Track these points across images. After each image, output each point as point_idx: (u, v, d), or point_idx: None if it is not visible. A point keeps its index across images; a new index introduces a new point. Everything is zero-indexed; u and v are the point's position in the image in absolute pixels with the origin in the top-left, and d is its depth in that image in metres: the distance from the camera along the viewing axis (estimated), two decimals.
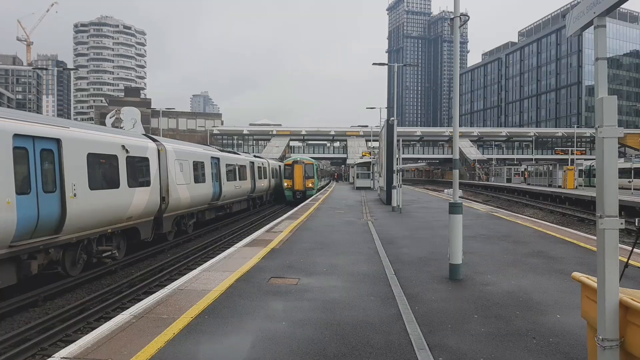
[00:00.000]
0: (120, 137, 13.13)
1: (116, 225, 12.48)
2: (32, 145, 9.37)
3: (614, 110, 2.99)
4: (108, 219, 11.96)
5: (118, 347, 4.62)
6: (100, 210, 11.49)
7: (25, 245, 9.06)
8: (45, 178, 9.71)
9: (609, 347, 2.91)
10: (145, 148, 14.45)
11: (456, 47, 8.08)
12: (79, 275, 11.14)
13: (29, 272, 9.35)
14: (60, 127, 10.38)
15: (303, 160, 36.10)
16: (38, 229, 9.37)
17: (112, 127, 14.22)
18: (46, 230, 9.63)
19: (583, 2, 3.28)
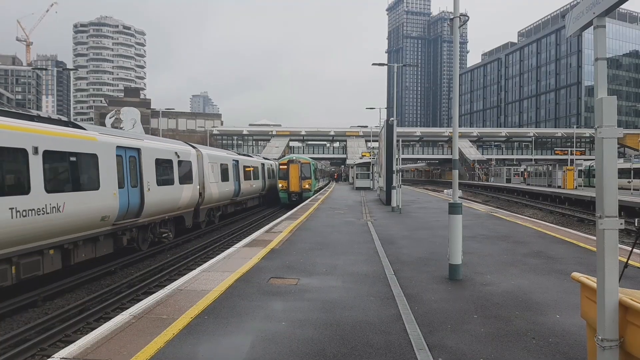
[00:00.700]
0: (173, 146, 17.19)
1: (171, 214, 16.37)
2: (124, 153, 13.21)
3: (614, 110, 3.00)
4: (167, 208, 15.76)
5: (118, 348, 4.62)
6: (164, 201, 15.38)
7: (121, 224, 12.85)
8: (132, 176, 13.46)
9: (608, 347, 2.91)
10: (189, 154, 18.00)
11: (456, 48, 8.09)
12: (147, 249, 14.94)
13: (121, 244, 13.21)
14: (139, 140, 14.41)
15: (299, 160, 33.18)
16: (128, 213, 13.13)
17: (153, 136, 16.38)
18: (132, 214, 13.44)
19: (582, 3, 3.29)
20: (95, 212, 11.61)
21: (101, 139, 12.16)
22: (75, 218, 10.82)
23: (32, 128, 9.57)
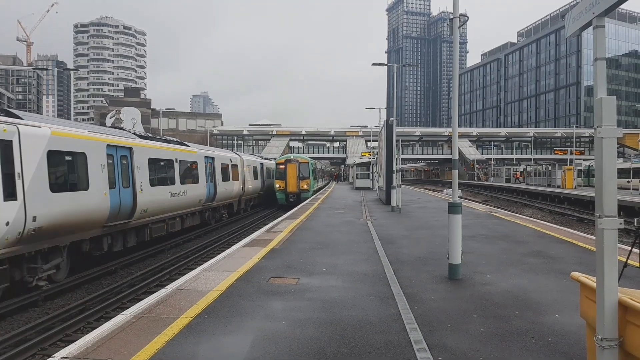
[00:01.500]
0: (229, 154, 25.55)
1: (227, 201, 24.03)
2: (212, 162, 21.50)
3: (613, 110, 3.00)
4: (226, 197, 23.52)
5: (118, 347, 4.63)
6: (225, 192, 23.26)
7: (206, 205, 20.52)
8: (211, 175, 20.82)
9: (608, 346, 2.92)
10: (237, 159, 26.19)
11: (455, 48, 8.10)
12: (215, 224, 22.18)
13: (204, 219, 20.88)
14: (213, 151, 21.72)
15: (297, 159, 32.06)
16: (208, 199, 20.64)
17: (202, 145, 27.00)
18: (210, 200, 20.82)
19: (582, 3, 3.29)
20: (197, 197, 19.13)
21: (200, 153, 20.17)
22: (190, 200, 18.21)
23: (174, 148, 17.49)
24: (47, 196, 9.81)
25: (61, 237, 10.48)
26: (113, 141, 13.06)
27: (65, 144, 10.73)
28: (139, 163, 14.13)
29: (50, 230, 9.83)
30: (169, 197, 16.00)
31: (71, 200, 10.67)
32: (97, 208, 11.71)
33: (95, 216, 11.65)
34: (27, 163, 9.27)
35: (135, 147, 14.16)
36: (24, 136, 9.26)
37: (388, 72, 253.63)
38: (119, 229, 13.20)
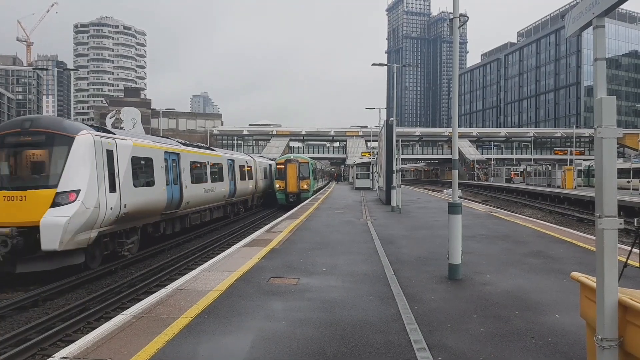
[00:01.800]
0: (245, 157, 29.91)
1: (243, 197, 27.79)
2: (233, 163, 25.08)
3: (613, 110, 3.00)
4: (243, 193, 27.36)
5: (118, 347, 4.63)
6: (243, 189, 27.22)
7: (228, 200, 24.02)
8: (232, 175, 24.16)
9: (608, 346, 2.92)
10: (251, 161, 30.42)
11: (455, 48, 8.10)
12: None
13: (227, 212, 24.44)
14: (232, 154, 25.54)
15: (297, 159, 32.09)
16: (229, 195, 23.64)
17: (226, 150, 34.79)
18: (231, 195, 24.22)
19: (582, 3, 3.30)
20: (222, 193, 22.75)
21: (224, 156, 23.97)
22: (217, 196, 21.83)
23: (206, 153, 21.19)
24: (132, 190, 13.38)
25: (137, 220, 14.18)
26: (168, 148, 16.75)
27: (141, 152, 14.41)
28: (184, 165, 17.83)
29: (132, 214, 13.42)
30: (203, 192, 19.92)
31: (145, 193, 14.31)
32: (159, 199, 15.35)
33: (158, 205, 15.36)
34: (121, 166, 12.96)
35: (181, 153, 17.95)
36: (119, 147, 12.99)
37: (388, 72, 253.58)
38: (170, 217, 16.78)
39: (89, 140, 11.74)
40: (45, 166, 11.47)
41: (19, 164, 11.54)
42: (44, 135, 11.46)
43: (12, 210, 10.66)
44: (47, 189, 10.92)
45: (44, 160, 11.51)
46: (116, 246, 13.20)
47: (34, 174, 11.46)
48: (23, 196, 10.75)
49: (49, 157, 11.46)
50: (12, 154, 11.51)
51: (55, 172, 11.20)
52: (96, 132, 12.39)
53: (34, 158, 11.56)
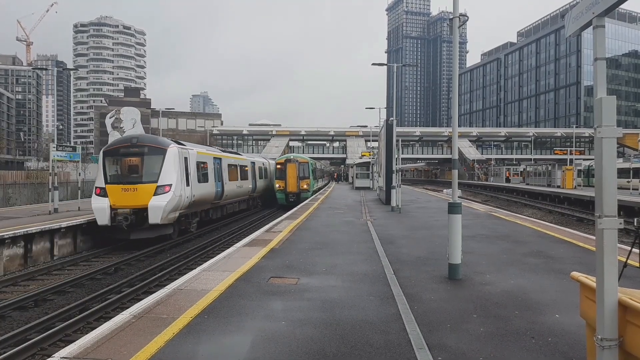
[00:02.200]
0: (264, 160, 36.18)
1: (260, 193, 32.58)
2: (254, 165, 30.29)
3: (613, 110, 3.00)
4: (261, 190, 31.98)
5: (118, 347, 4.63)
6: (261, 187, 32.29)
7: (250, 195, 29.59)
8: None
9: (607, 346, 2.92)
10: (267, 162, 35.56)
11: (455, 48, 8.09)
12: None
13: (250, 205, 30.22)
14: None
15: (297, 159, 32.20)
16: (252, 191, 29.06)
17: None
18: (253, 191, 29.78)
19: (582, 3, 3.29)
20: (247, 189, 28.29)
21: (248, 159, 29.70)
22: (244, 191, 27.26)
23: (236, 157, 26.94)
24: (197, 184, 18.74)
25: (198, 207, 19.69)
26: (215, 155, 22.37)
27: (201, 158, 19.84)
28: (224, 167, 23.17)
29: (196, 202, 18.75)
30: (236, 188, 25.46)
31: (203, 187, 19.69)
32: (211, 192, 20.78)
33: (210, 197, 20.82)
34: (191, 168, 18.18)
35: (222, 158, 23.40)
36: (189, 155, 18.34)
37: (388, 72, 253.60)
38: (215, 206, 22.40)
39: (175, 151, 17.08)
40: (149, 168, 16.60)
41: (130, 167, 16.78)
42: (147, 148, 16.80)
43: (128, 198, 15.91)
44: (151, 184, 16.17)
45: (148, 164, 16.67)
46: (186, 224, 18.88)
47: (141, 173, 16.64)
48: (135, 188, 16.11)
49: (151, 162, 16.66)
50: (125, 160, 16.82)
51: (155, 172, 16.41)
52: (177, 145, 17.77)
53: (140, 163, 16.74)
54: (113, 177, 16.63)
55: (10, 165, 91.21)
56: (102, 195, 16.15)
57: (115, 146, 17.22)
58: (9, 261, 13.37)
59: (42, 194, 28.85)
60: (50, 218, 17.28)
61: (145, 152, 16.76)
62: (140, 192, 16.01)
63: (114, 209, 15.77)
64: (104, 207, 15.78)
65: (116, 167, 16.99)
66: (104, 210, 15.77)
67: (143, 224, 15.92)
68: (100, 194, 16.22)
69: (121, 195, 15.95)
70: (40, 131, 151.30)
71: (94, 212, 16.01)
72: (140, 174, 16.60)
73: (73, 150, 21.94)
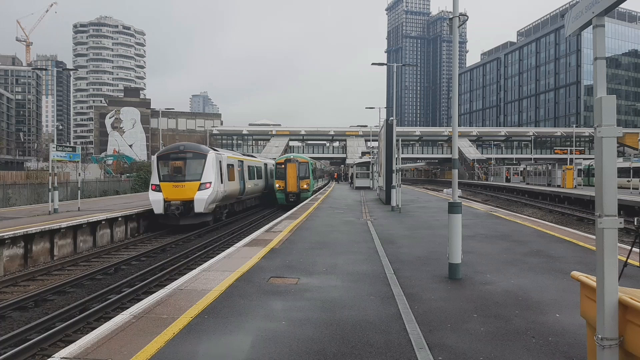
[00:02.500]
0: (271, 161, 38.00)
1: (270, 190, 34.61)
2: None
3: (613, 109, 3.00)
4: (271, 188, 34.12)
5: (118, 347, 4.63)
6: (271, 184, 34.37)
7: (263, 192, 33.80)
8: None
9: (608, 346, 2.92)
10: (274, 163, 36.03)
11: (455, 47, 8.09)
12: None
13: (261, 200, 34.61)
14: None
15: (297, 159, 32.40)
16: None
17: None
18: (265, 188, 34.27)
19: (582, 2, 3.29)
20: (261, 187, 32.51)
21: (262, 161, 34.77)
22: (259, 189, 31.81)
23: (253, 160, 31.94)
24: (227, 182, 22.81)
25: (228, 200, 23.97)
26: (239, 158, 26.90)
27: (229, 161, 24.00)
28: (245, 168, 27.55)
29: (227, 196, 23.04)
30: (253, 186, 29.46)
31: (232, 184, 23.89)
32: (236, 188, 25.08)
33: (236, 192, 25.17)
34: (223, 169, 22.29)
35: (244, 160, 28.01)
36: (222, 158, 22.55)
37: (388, 72, 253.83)
38: (238, 200, 26.91)
39: (213, 155, 21.42)
40: (193, 169, 20.81)
41: (179, 168, 21.04)
42: (191, 153, 21.21)
43: (178, 192, 20.16)
44: (196, 182, 20.48)
45: (192, 166, 20.88)
46: (219, 214, 23.46)
47: (187, 173, 20.89)
48: (183, 185, 20.41)
49: (195, 165, 20.94)
50: (175, 163, 21.09)
51: (198, 173, 20.72)
52: (214, 150, 22.28)
53: (187, 165, 21.01)
54: (165, 176, 20.77)
55: (10, 166, 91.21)
56: (157, 190, 20.28)
57: (166, 152, 21.52)
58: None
59: (41, 194, 28.86)
60: (50, 218, 17.28)
61: (191, 156, 21.14)
62: (187, 188, 20.31)
63: (167, 201, 19.99)
64: (160, 200, 20.00)
65: (167, 168, 21.03)
66: (159, 202, 19.99)
67: (189, 212, 20.17)
68: (155, 189, 20.35)
69: (172, 190, 20.17)
70: (39, 131, 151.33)
71: (152, 204, 20.14)
72: (187, 173, 20.80)
73: (73, 150, 21.90)
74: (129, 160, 73.09)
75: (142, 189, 41.08)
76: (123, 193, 39.68)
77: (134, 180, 44.40)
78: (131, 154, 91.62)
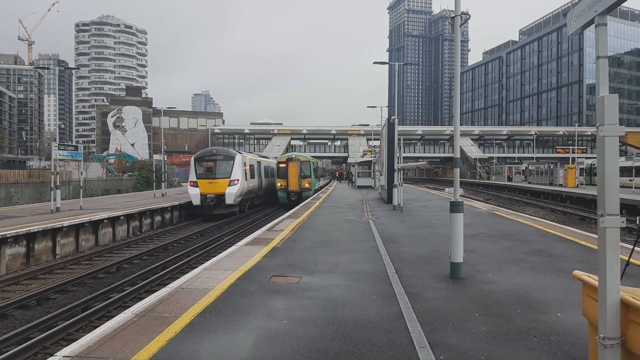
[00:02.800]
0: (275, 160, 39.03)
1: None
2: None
3: (615, 108, 2.99)
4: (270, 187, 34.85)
5: (120, 346, 4.64)
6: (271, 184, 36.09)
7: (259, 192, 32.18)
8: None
9: (610, 345, 2.91)
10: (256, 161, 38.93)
11: (457, 46, 8.08)
12: None
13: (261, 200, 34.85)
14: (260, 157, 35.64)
15: (298, 158, 32.49)
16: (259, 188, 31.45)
17: None
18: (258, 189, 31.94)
19: (584, 1, 3.28)
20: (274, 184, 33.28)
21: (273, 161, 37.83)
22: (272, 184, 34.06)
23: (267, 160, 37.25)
24: (250, 179, 27.14)
25: (249, 195, 28.22)
26: (257, 159, 31.52)
27: (251, 161, 28.24)
28: (262, 168, 31.71)
29: (249, 191, 27.65)
30: (267, 183, 33.37)
31: (252, 181, 27.99)
32: (256, 185, 29.28)
33: (255, 188, 29.40)
34: (247, 168, 26.80)
35: (261, 161, 32.41)
36: (246, 159, 27.22)
37: (389, 71, 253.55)
38: (256, 195, 31.10)
39: (240, 157, 25.96)
40: (224, 169, 25.20)
41: (212, 168, 25.30)
42: (222, 156, 25.72)
43: (211, 187, 24.55)
44: (226, 179, 24.86)
45: (223, 166, 25.27)
46: (243, 206, 27.94)
47: (219, 172, 25.15)
48: (216, 182, 24.76)
49: (225, 165, 25.33)
50: (209, 163, 25.37)
51: (228, 171, 25.11)
52: (240, 153, 26.64)
53: (218, 165, 25.35)
54: (201, 174, 25.19)
55: (12, 165, 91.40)
56: (195, 186, 24.85)
57: (202, 155, 26.21)
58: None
59: (44, 193, 28.93)
60: (53, 217, 17.32)
61: (221, 158, 25.55)
62: (219, 184, 24.73)
63: (203, 195, 24.43)
64: (197, 194, 24.55)
65: (202, 168, 25.32)
66: (197, 196, 24.54)
67: (221, 204, 24.67)
68: (193, 185, 24.93)
69: (207, 186, 24.62)
70: (42, 130, 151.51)
71: (191, 197, 24.72)
72: (218, 172, 25.12)
73: (75, 149, 21.95)
74: (131, 159, 73.20)
75: (144, 188, 41.12)
76: (125, 192, 39.74)
77: (136, 179, 44.47)
78: (133, 152, 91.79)
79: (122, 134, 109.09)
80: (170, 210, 24.42)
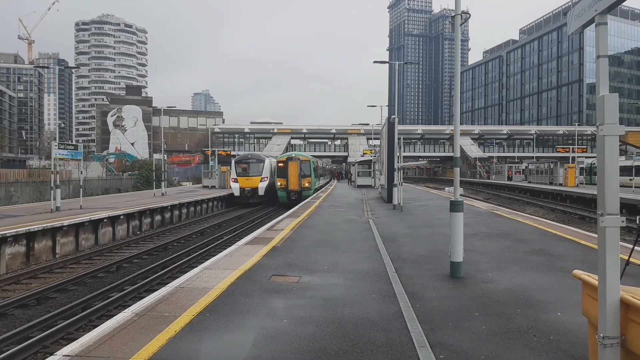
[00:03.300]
0: None
1: None
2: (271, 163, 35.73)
3: (615, 108, 2.99)
4: None
5: (120, 345, 4.64)
6: None
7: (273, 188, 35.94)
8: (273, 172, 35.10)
9: (609, 344, 2.92)
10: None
11: (457, 45, 8.07)
12: None
13: None
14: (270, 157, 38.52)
15: (299, 157, 32.91)
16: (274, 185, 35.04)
17: None
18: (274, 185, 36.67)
19: (584, 0, 3.28)
20: None
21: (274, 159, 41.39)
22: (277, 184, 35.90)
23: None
24: (272, 178, 34.05)
25: (272, 189, 33.79)
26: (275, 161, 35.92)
27: (274, 164, 34.68)
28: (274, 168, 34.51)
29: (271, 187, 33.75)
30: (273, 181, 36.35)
31: (273, 180, 33.84)
32: (272, 182, 33.59)
33: (271, 185, 33.64)
34: (272, 169, 34.60)
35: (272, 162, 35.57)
36: (272, 162, 35.20)
37: (390, 70, 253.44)
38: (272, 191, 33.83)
39: (268, 161, 34.11)
40: (256, 169, 33.03)
41: (247, 169, 33.07)
42: (255, 159, 34.16)
43: (248, 183, 32.62)
44: (258, 177, 32.94)
45: (256, 167, 33.12)
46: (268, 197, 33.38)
47: (252, 171, 32.97)
48: (251, 179, 32.81)
49: (257, 166, 33.27)
50: (245, 164, 33.39)
51: (260, 171, 33.10)
52: (267, 157, 35.32)
53: (252, 166, 33.15)
54: (239, 173, 32.91)
55: (12, 164, 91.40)
56: (235, 182, 32.59)
57: (240, 158, 34.28)
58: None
59: (44, 192, 28.94)
60: (52, 216, 17.33)
61: (254, 161, 33.66)
62: (253, 180, 32.66)
63: (242, 189, 32.30)
64: (237, 188, 32.41)
65: (240, 168, 33.10)
66: (237, 189, 32.41)
67: (255, 195, 32.46)
68: (234, 181, 32.69)
69: (245, 182, 32.46)
70: (42, 129, 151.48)
71: (233, 191, 32.78)
72: (252, 172, 32.85)
73: (75, 148, 21.95)
74: (131, 159, 73.26)
75: (144, 187, 41.14)
76: (125, 191, 39.76)
77: (136, 179, 44.49)
78: (133, 152, 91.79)
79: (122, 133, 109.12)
80: (170, 210, 24.43)
